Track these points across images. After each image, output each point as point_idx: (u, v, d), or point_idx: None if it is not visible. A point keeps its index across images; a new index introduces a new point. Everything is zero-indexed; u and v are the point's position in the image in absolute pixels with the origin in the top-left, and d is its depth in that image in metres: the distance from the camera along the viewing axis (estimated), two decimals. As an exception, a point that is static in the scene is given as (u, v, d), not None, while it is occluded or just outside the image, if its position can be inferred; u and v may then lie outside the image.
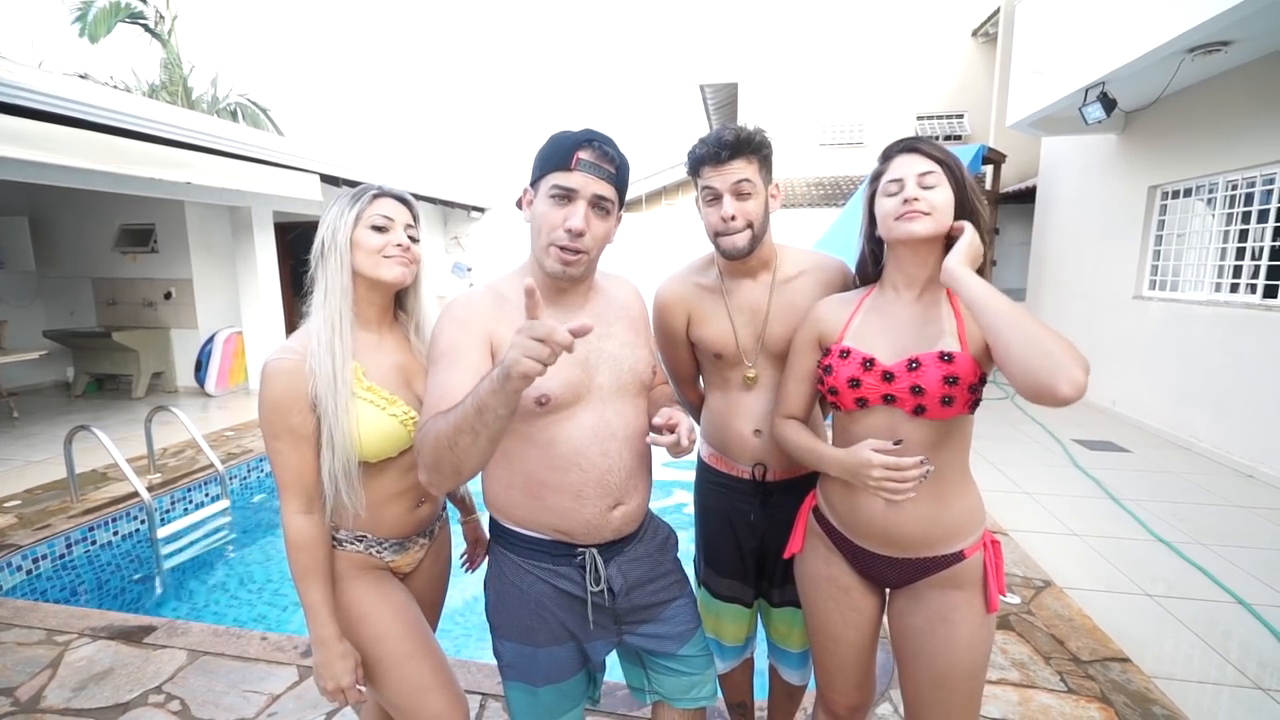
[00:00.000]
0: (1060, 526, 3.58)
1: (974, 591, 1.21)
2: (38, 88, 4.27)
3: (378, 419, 1.23)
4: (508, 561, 1.24)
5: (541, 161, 1.16)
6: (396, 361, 1.32)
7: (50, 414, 6.26)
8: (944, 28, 11.51)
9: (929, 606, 1.23)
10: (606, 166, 1.13)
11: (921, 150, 1.19)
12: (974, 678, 1.23)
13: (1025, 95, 6.42)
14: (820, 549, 1.36)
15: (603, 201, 1.14)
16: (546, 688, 1.24)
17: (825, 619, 1.36)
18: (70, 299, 7.62)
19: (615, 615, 1.27)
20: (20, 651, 2.43)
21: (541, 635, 1.22)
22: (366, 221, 1.24)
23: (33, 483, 4.19)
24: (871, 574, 1.30)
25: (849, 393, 1.21)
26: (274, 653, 2.40)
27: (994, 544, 1.25)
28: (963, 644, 1.20)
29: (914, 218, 1.15)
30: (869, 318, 1.27)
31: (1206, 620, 2.66)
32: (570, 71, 61.50)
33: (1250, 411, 4.50)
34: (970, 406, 1.16)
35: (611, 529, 1.21)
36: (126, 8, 13.27)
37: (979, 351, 1.15)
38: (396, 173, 9.11)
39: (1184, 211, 5.50)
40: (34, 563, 3.26)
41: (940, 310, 1.21)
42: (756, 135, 1.35)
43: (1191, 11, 3.95)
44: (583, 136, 1.12)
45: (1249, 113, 4.62)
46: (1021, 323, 1.01)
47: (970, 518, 1.22)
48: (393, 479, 1.29)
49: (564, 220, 1.11)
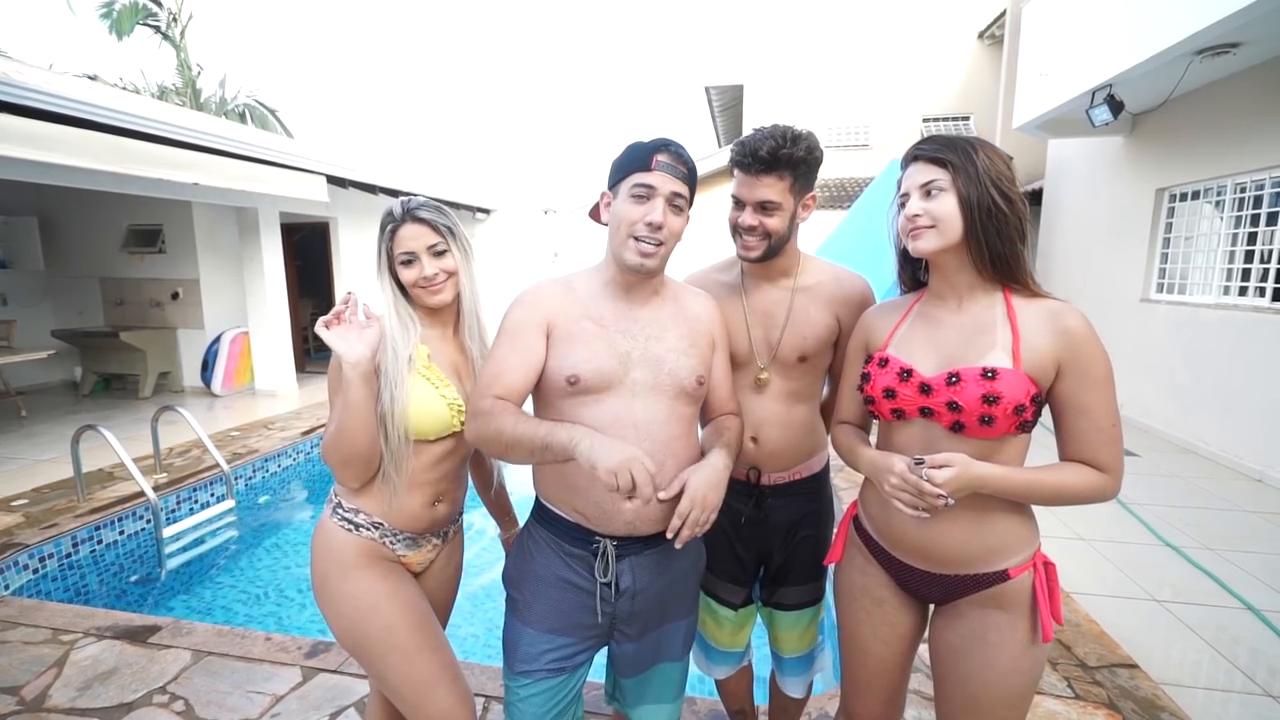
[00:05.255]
0: (1067, 531, 3.56)
1: (1019, 615, 1.13)
2: (47, 89, 4.29)
3: (431, 397, 1.31)
4: (535, 534, 1.32)
5: (621, 167, 1.25)
6: (454, 359, 1.42)
7: (58, 413, 6.29)
8: (950, 30, 11.47)
9: (968, 625, 1.16)
10: (680, 167, 1.22)
11: (923, 156, 1.14)
12: (1013, 707, 1.14)
13: (1032, 97, 6.39)
14: (858, 559, 1.32)
15: (677, 199, 1.22)
16: (531, 682, 1.26)
17: (855, 630, 1.32)
18: (78, 299, 7.65)
19: (614, 616, 1.28)
20: (26, 650, 2.44)
21: (537, 616, 1.27)
22: (396, 259, 1.33)
23: (40, 481, 4.22)
24: (911, 588, 1.24)
25: (884, 403, 1.18)
26: (278, 653, 2.40)
27: (1048, 566, 1.16)
28: (1000, 668, 1.13)
29: (918, 234, 1.13)
30: (915, 325, 1.22)
31: (1215, 626, 2.64)
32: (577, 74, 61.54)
33: (1259, 415, 4.47)
34: (1020, 427, 1.08)
35: (623, 520, 1.22)
36: (144, 9, 13.41)
37: (1036, 369, 1.07)
38: (402, 174, 9.13)
39: (1192, 214, 5.47)
40: (40, 562, 3.27)
41: (994, 321, 1.12)
42: (798, 150, 1.32)
43: (1200, 13, 3.93)
44: (659, 143, 1.23)
45: (1257, 115, 4.59)
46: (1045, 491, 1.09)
47: (1017, 537, 1.15)
48: (420, 467, 1.34)
49: (644, 215, 1.20)
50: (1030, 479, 1.08)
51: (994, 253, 1.10)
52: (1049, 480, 1.09)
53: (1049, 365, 1.07)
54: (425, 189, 9.10)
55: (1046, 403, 1.12)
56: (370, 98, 44.47)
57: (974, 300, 1.16)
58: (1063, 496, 1.09)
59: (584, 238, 11.20)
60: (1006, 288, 1.14)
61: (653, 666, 1.35)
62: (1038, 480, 1.08)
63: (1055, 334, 1.07)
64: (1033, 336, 1.08)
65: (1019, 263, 1.12)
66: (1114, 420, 1.09)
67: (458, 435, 1.36)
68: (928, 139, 1.16)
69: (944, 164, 1.11)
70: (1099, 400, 1.08)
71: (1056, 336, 1.07)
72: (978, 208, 1.08)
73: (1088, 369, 1.07)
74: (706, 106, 15.20)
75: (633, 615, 1.28)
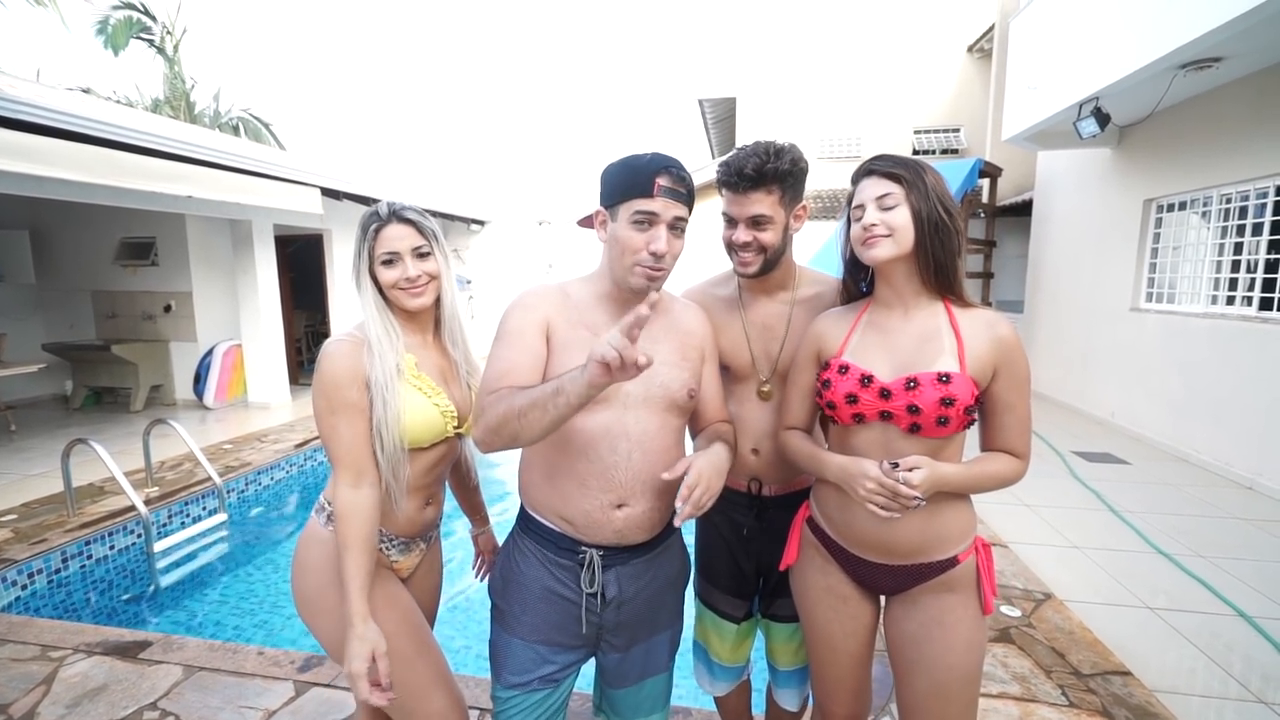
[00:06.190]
0: (1060, 539, 3.57)
1: (968, 594, 1.25)
2: (40, 102, 4.30)
3: (424, 406, 1.31)
4: (520, 545, 1.32)
5: (621, 187, 1.21)
6: (438, 363, 1.42)
7: (48, 427, 6.24)
8: (940, 43, 11.62)
9: (925, 611, 1.25)
10: (681, 190, 1.20)
11: (878, 171, 1.22)
12: (971, 684, 1.24)
13: (1020, 110, 6.49)
14: (816, 559, 1.36)
15: (679, 222, 1.21)
16: (521, 694, 1.26)
17: (825, 630, 1.36)
18: (70, 312, 7.61)
19: (601, 627, 1.29)
20: (14, 668, 2.41)
21: (524, 627, 1.27)
22: (377, 258, 1.32)
23: (30, 496, 4.18)
24: (868, 582, 1.31)
25: (846, 408, 1.24)
26: (270, 668, 2.38)
27: (985, 548, 1.29)
28: (960, 646, 1.22)
29: (874, 243, 1.20)
30: (867, 334, 1.29)
31: (1208, 633, 2.65)
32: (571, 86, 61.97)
33: (1248, 423, 4.51)
34: (965, 425, 1.19)
35: (613, 529, 1.23)
36: (138, 23, 13.47)
37: (978, 372, 1.18)
38: (397, 186, 9.17)
39: (1179, 224, 5.54)
40: (29, 577, 3.23)
41: (940, 328, 1.22)
42: (783, 164, 1.32)
43: (1183, 29, 4.00)
44: (660, 163, 1.19)
45: (1242, 127, 4.67)
46: (986, 482, 1.22)
47: (963, 525, 1.25)
48: (417, 473, 1.35)
49: (647, 244, 1.18)
50: (975, 472, 1.21)
51: (938, 263, 1.21)
52: (988, 471, 1.22)
53: (987, 368, 1.19)
54: (420, 200, 9.13)
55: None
56: (365, 110, 44.65)
57: (919, 309, 1.26)
58: (996, 483, 1.23)
59: (578, 248, 11.23)
60: (946, 298, 1.25)
61: (640, 680, 1.35)
62: (980, 473, 1.21)
63: (992, 341, 1.19)
64: (974, 343, 1.20)
65: (957, 274, 1.23)
66: (1029, 413, 1.24)
67: (450, 441, 1.38)
68: (880, 156, 1.24)
69: (898, 179, 1.20)
70: (1021, 398, 1.21)
71: (993, 343, 1.19)
72: (927, 221, 1.18)
73: (1016, 371, 1.20)
74: (700, 119, 15.32)
75: (619, 625, 1.29)
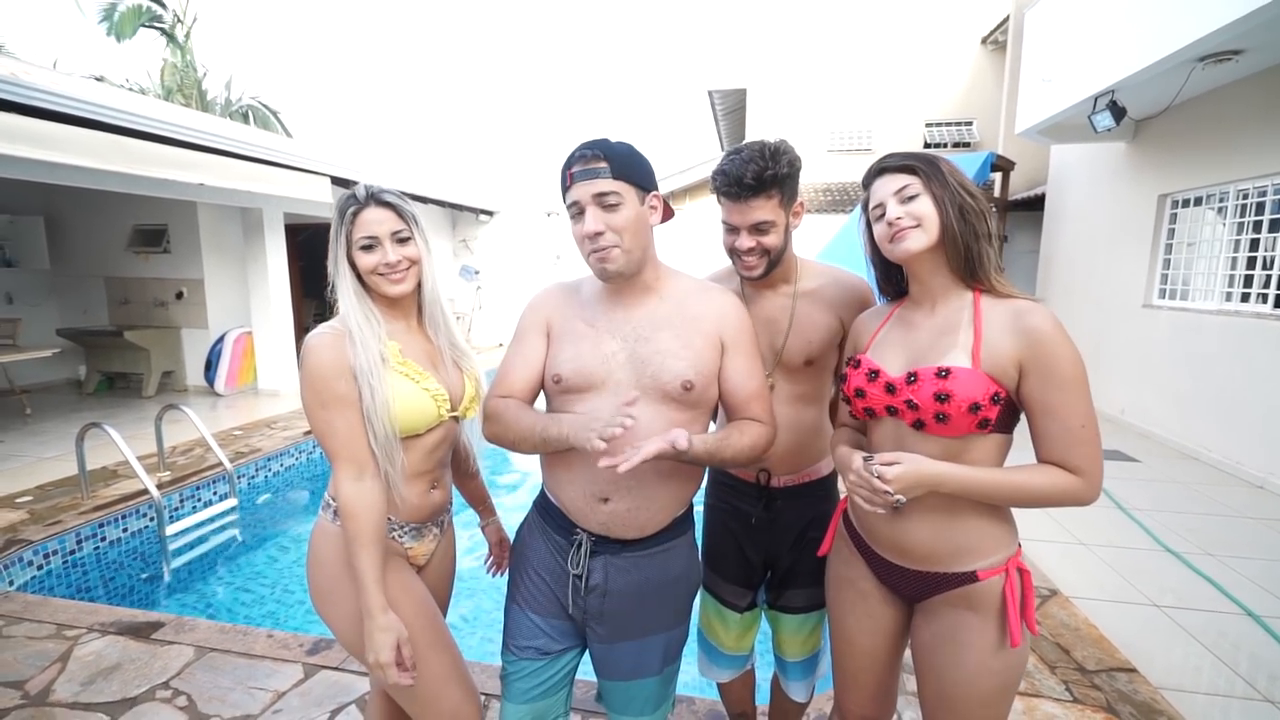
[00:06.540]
0: (1067, 535, 3.56)
1: (989, 618, 1.13)
2: (54, 89, 4.33)
3: (413, 392, 1.29)
4: (532, 519, 1.39)
5: (561, 192, 1.26)
6: (424, 348, 1.40)
7: (62, 411, 6.32)
8: (953, 35, 11.49)
9: (940, 623, 1.19)
10: (595, 165, 1.18)
11: (891, 168, 1.18)
12: (987, 706, 1.16)
13: (1034, 103, 6.40)
14: (844, 552, 1.36)
15: (607, 196, 1.18)
16: (516, 659, 1.31)
17: (842, 621, 1.36)
18: (83, 298, 7.69)
19: (585, 611, 1.30)
20: (30, 645, 2.46)
21: (523, 595, 1.34)
22: (355, 243, 1.28)
23: (44, 479, 4.24)
24: (890, 583, 1.28)
25: (856, 403, 1.23)
26: (280, 650, 2.41)
27: (1022, 573, 1.14)
28: (969, 668, 1.15)
29: (903, 235, 1.15)
30: (893, 329, 1.26)
31: (1215, 631, 2.64)
32: (581, 77, 61.70)
33: (1260, 422, 4.46)
34: (982, 425, 1.08)
35: (598, 521, 1.25)
36: (148, 11, 13.50)
37: (997, 368, 1.08)
38: (406, 175, 9.17)
39: (1194, 220, 5.47)
40: (45, 558, 3.29)
41: (961, 322, 1.15)
42: (780, 168, 1.32)
43: (1202, 20, 3.94)
44: (571, 156, 1.21)
45: (1260, 122, 4.60)
46: (1009, 492, 1.08)
47: (987, 539, 1.15)
48: (415, 459, 1.33)
49: (581, 231, 1.22)
50: (992, 479, 1.07)
51: (968, 249, 1.13)
52: (1014, 480, 1.07)
53: (1009, 365, 1.08)
54: (429, 190, 9.14)
55: (1017, 403, 1.12)
56: (375, 100, 44.67)
57: (946, 303, 1.19)
58: (1030, 498, 1.08)
59: (587, 240, 11.18)
60: (977, 289, 1.17)
61: (630, 679, 1.33)
62: (1003, 480, 1.08)
63: (1017, 333, 1.08)
64: (994, 336, 1.09)
65: (988, 259, 1.14)
66: (1083, 421, 1.05)
67: (446, 424, 1.37)
68: (889, 155, 1.21)
69: (913, 170, 1.16)
70: (1064, 400, 1.05)
71: (1018, 336, 1.08)
72: (951, 205, 1.13)
73: (1051, 368, 1.05)
74: (709, 110, 15.23)
75: (602, 614, 1.29)
